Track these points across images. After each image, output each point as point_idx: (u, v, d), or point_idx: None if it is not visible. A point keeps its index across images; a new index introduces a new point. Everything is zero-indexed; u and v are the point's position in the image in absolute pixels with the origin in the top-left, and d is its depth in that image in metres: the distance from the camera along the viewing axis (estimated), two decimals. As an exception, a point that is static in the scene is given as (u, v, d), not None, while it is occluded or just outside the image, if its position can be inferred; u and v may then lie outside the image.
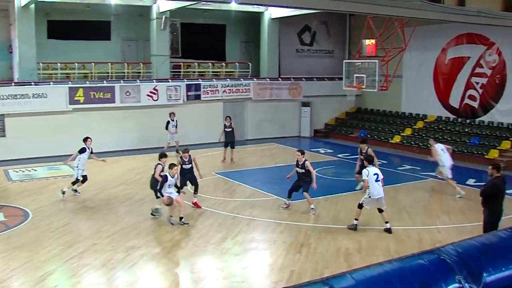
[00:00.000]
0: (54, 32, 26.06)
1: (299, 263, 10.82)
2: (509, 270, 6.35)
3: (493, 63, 24.23)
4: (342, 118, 31.32)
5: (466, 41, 25.31)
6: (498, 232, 7.27)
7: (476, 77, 25.00)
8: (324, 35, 31.77)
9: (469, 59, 25.22)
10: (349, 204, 15.28)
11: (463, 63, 25.51)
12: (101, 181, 18.32)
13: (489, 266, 6.17)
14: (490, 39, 24.23)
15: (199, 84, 26.17)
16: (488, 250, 6.54)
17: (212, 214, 14.30)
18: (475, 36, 24.84)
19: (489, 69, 24.38)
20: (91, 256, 11.11)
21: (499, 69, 23.95)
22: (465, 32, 25.07)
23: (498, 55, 23.95)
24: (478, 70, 24.87)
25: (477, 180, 18.57)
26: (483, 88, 24.69)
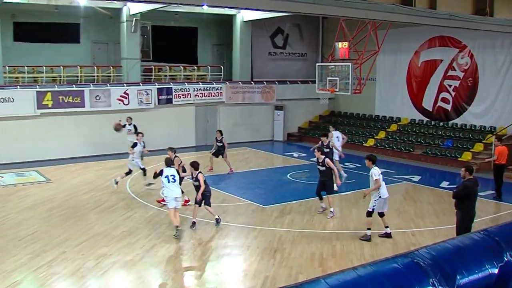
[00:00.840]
0: (21, 34, 25.65)
1: (273, 269, 10.82)
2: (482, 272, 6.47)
3: (465, 65, 24.64)
4: (316, 121, 31.48)
5: (439, 44, 25.72)
6: (471, 234, 7.39)
7: (448, 80, 25.40)
8: (297, 38, 31.91)
9: (442, 62, 25.62)
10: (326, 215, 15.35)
11: (436, 66, 25.90)
12: (71, 187, 18.08)
13: (463, 268, 6.27)
14: (462, 42, 24.66)
15: (171, 88, 26.03)
16: (462, 252, 6.64)
17: (184, 220, 14.18)
18: (447, 39, 25.25)
19: (462, 71, 24.79)
20: (61, 264, 10.95)
21: (471, 72, 24.37)
22: (437, 35, 25.47)
23: (470, 57, 24.38)
24: (451, 72, 25.27)
25: (450, 183, 18.82)
26: (456, 90, 25.10)
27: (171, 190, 12.90)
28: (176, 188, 12.97)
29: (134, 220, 14.24)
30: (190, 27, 30.86)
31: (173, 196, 12.93)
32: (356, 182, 18.97)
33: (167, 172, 12.99)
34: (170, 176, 12.92)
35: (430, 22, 17.80)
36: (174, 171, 13.09)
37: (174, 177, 12.94)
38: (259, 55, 30.56)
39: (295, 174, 20.38)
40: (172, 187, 12.91)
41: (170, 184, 12.89)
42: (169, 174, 12.93)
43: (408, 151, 24.79)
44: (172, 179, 12.90)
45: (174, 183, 12.92)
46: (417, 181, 19.71)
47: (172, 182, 12.90)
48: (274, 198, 16.79)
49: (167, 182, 12.89)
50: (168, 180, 12.89)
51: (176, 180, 12.95)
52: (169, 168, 13.14)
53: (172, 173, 12.99)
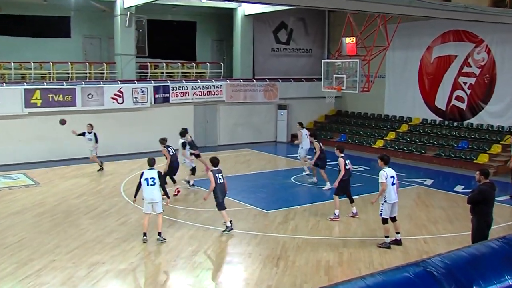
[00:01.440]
0: (6, 28, 25.60)
1: (277, 278, 10.79)
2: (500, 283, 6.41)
3: (482, 61, 24.56)
4: (321, 121, 31.45)
5: (453, 39, 25.65)
6: (489, 242, 7.33)
7: (463, 77, 25.33)
8: (302, 33, 31.90)
9: (456, 58, 25.56)
10: (330, 214, 15.30)
11: (450, 62, 25.84)
12: (62, 191, 18.08)
13: (479, 279, 6.22)
14: (478, 36, 24.58)
15: (168, 86, 26.03)
16: (478, 261, 6.59)
17: (182, 225, 14.19)
18: (462, 33, 25.17)
19: (478, 68, 24.72)
20: (50, 273, 10.91)
21: (488, 68, 24.29)
22: (452, 29, 25.41)
23: (487, 53, 24.30)
24: (466, 69, 25.21)
25: (465, 187, 18.78)
26: (471, 88, 25.02)
27: (148, 193, 12.78)
28: (154, 192, 12.80)
29: (129, 226, 14.22)
30: (188, 21, 30.86)
31: (149, 200, 12.82)
32: (364, 185, 18.92)
33: (147, 174, 12.81)
34: (150, 178, 12.74)
35: (444, 15, 17.77)
36: (155, 173, 12.85)
37: (154, 179, 12.75)
38: (261, 51, 30.54)
39: (299, 177, 20.36)
40: (149, 190, 12.76)
41: (148, 187, 12.74)
42: (149, 177, 12.76)
43: (419, 153, 24.74)
44: (152, 182, 12.72)
45: (153, 186, 12.74)
46: (429, 184, 19.68)
47: (151, 185, 12.73)
48: (277, 202, 16.76)
49: (145, 185, 12.74)
50: (147, 183, 12.73)
51: (155, 184, 12.75)
52: (150, 170, 12.94)
53: (152, 175, 12.79)
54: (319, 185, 18.77)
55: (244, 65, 29.57)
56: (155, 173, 12.87)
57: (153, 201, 12.81)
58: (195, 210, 15.69)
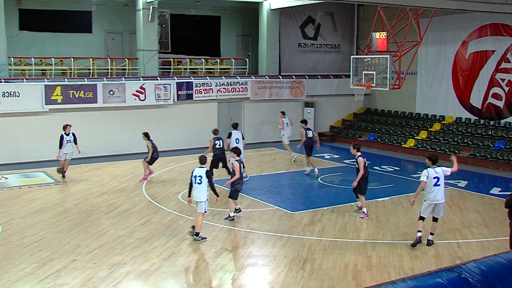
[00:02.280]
0: (27, 23, 25.99)
1: (303, 281, 10.75)
2: (540, 290, 6.29)
3: (522, 57, 24.21)
4: (350, 120, 31.32)
5: (491, 33, 25.26)
6: (527, 247, 7.21)
7: (501, 73, 24.97)
8: (330, 28, 31.77)
9: (494, 53, 25.18)
10: (358, 215, 15.22)
11: (487, 57, 25.48)
12: (82, 190, 18.25)
13: (518, 285, 6.11)
14: (518, 30, 24.22)
15: (191, 83, 26.11)
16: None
17: (205, 226, 14.20)
18: (501, 26, 24.78)
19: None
20: (70, 274, 11.02)
21: (529, 64, 23.91)
22: (489, 23, 25.04)
23: (528, 48, 23.93)
24: (504, 65, 24.83)
25: (502, 189, 18.55)
26: (510, 85, 24.64)
27: (195, 191, 13.06)
28: (199, 191, 12.99)
29: (151, 226, 14.30)
30: (212, 16, 30.94)
31: (194, 198, 13.11)
32: (394, 186, 18.80)
33: (196, 172, 13.09)
34: (198, 176, 12.99)
35: (482, 8, 17.53)
36: (203, 172, 13.05)
37: (201, 178, 12.96)
38: (287, 47, 30.49)
39: (326, 177, 20.27)
40: (196, 188, 13.02)
41: (195, 185, 13.02)
42: (197, 175, 13.02)
43: (453, 153, 24.45)
44: (199, 180, 12.96)
45: (199, 185, 12.96)
46: (463, 186, 19.44)
47: (198, 183, 12.97)
48: (304, 203, 16.71)
49: (194, 182, 13.05)
50: (195, 181, 13.01)
51: (202, 182, 12.94)
52: (199, 168, 13.17)
53: (199, 173, 13.01)
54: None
55: (270, 61, 29.53)
56: (203, 172, 13.06)
57: (196, 199, 13.08)
58: (219, 210, 15.70)
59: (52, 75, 24.62)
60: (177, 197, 17.12)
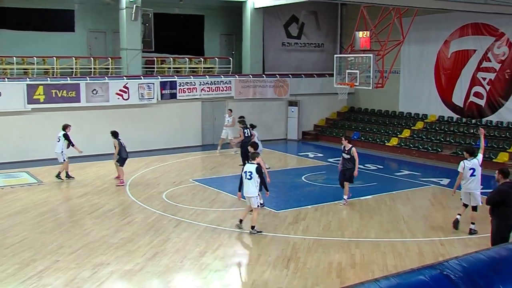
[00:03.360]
0: (8, 21, 25.74)
1: (287, 280, 10.76)
2: (522, 287, 6.34)
3: (502, 56, 24.37)
4: (333, 118, 31.40)
5: (472, 32, 25.45)
6: (509, 244, 7.27)
7: (483, 72, 25.16)
8: (313, 27, 31.83)
9: (475, 52, 25.37)
10: (341, 214, 15.29)
11: (468, 56, 25.66)
12: (65, 190, 18.16)
13: (499, 283, 6.16)
14: (499, 30, 24.37)
15: (175, 82, 26.03)
16: (498, 265, 6.53)
17: (189, 225, 14.19)
18: (482, 26, 24.98)
19: (498, 63, 24.53)
20: (52, 275, 10.93)
21: (509, 63, 24.05)
22: (470, 22, 25.22)
23: (508, 47, 24.07)
24: (485, 64, 25.02)
25: (484, 187, 18.60)
26: (491, 84, 24.85)
27: (245, 187, 13.33)
28: (249, 186, 13.23)
29: (135, 225, 14.23)
30: (196, 15, 30.88)
31: (245, 194, 13.39)
32: (377, 185, 18.89)
33: (246, 167, 13.38)
34: (248, 172, 13.24)
35: (463, 7, 17.67)
36: (253, 168, 13.24)
37: (251, 174, 13.18)
38: (271, 46, 30.50)
39: (310, 176, 20.32)
40: (245, 184, 13.28)
41: (245, 180, 13.26)
42: (247, 170, 13.28)
43: (435, 151, 24.63)
44: (249, 176, 13.19)
45: (249, 181, 13.19)
46: (446, 184, 19.55)
47: (248, 179, 13.20)
48: (288, 202, 16.71)
49: (244, 178, 13.30)
50: (245, 176, 13.26)
51: (252, 178, 13.16)
52: (250, 164, 13.42)
53: (249, 169, 13.25)
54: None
55: (253, 60, 29.53)
56: (254, 168, 13.26)
57: (247, 195, 13.36)
58: (203, 209, 15.69)
59: (35, 74, 24.42)
60: (161, 197, 17.07)
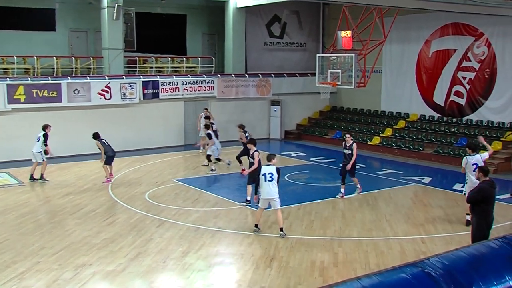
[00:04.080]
0: (-12, 20, 25.51)
1: (270, 279, 10.78)
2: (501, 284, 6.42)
3: (482, 55, 24.63)
4: (316, 118, 31.48)
5: (452, 32, 25.70)
6: (489, 242, 7.35)
7: (463, 72, 25.40)
8: (296, 27, 31.90)
9: (455, 52, 25.62)
10: (324, 213, 15.33)
11: (449, 56, 25.90)
12: (46, 190, 18.01)
13: (479, 280, 6.23)
14: (478, 30, 24.64)
15: (157, 81, 25.95)
16: (478, 262, 6.61)
17: (172, 225, 14.17)
18: (462, 26, 25.23)
19: (478, 62, 24.79)
20: (34, 276, 10.85)
21: (489, 62, 24.35)
22: (450, 22, 25.46)
23: (488, 47, 24.35)
24: (466, 63, 25.27)
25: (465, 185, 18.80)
26: (471, 83, 25.09)
27: (265, 189, 13.17)
28: (271, 188, 13.13)
29: (117, 226, 14.18)
30: (178, 14, 30.79)
31: (266, 196, 13.21)
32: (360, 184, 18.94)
33: (265, 169, 13.25)
34: (268, 174, 13.12)
35: (443, 7, 17.83)
36: (273, 169, 13.20)
37: (271, 175, 13.10)
38: (254, 45, 30.52)
39: (293, 175, 20.34)
40: (267, 186, 13.14)
41: (267, 182, 13.12)
42: (267, 172, 13.16)
43: (417, 150, 24.80)
44: (270, 178, 13.09)
45: (270, 182, 13.10)
46: (427, 183, 19.73)
47: (269, 180, 13.10)
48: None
49: (263, 181, 13.15)
50: (265, 179, 13.11)
51: (273, 179, 13.10)
52: (268, 166, 13.35)
53: (270, 171, 13.17)
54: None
55: (236, 60, 29.53)
56: (273, 169, 13.21)
57: (270, 197, 13.20)
58: (185, 209, 15.67)
59: (15, 74, 24.21)
60: (143, 197, 17.02)
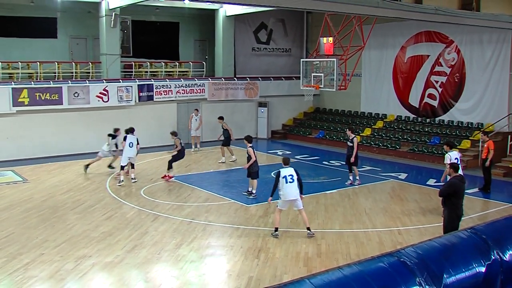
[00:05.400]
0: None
1: (258, 269, 10.83)
2: (469, 271, 6.52)
3: (452, 61, 24.82)
4: (300, 118, 31.54)
5: (425, 39, 25.88)
6: (458, 232, 7.44)
7: (435, 76, 25.57)
8: (281, 33, 31.94)
9: (428, 58, 25.79)
10: (308, 207, 15.35)
11: (423, 61, 26.07)
12: (48, 187, 17.92)
13: (450, 267, 6.31)
14: (449, 37, 24.83)
15: (152, 85, 25.91)
16: (449, 251, 6.69)
17: (166, 219, 14.17)
18: (434, 34, 25.42)
19: (448, 67, 24.98)
20: (38, 267, 10.85)
21: (458, 67, 24.55)
22: (424, 30, 25.64)
23: (457, 53, 24.56)
24: (438, 68, 25.45)
25: (437, 180, 18.94)
26: (443, 86, 25.27)
27: (287, 191, 12.71)
28: (293, 189, 12.75)
29: (115, 220, 14.17)
30: (171, 22, 30.75)
31: (289, 197, 12.76)
32: (341, 180, 19.03)
33: (284, 172, 12.79)
34: (289, 176, 12.71)
35: (416, 16, 17.93)
36: (293, 171, 12.81)
37: (292, 176, 12.71)
38: (242, 51, 30.53)
39: (279, 172, 20.36)
40: (289, 188, 12.69)
41: (287, 185, 12.68)
42: (287, 174, 12.73)
43: (394, 148, 24.93)
44: (290, 179, 12.68)
45: (291, 184, 12.68)
46: (403, 178, 19.85)
47: (290, 182, 12.67)
48: (258, 197, 16.74)
49: (284, 183, 12.69)
50: (286, 181, 12.69)
51: (294, 181, 12.70)
52: (286, 168, 12.95)
53: (290, 173, 12.76)
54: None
55: (225, 64, 29.53)
56: (293, 171, 12.83)
57: (294, 197, 12.78)
58: (179, 204, 15.67)
59: (19, 79, 24.06)
60: (139, 193, 17.00)
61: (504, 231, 7.48)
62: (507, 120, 22.69)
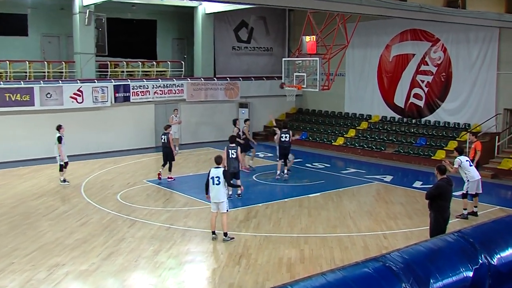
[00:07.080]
0: (-40, 25, 25.03)
1: (239, 276, 10.79)
2: (456, 275, 6.55)
3: (438, 60, 25.02)
4: (282, 119, 31.45)
5: (411, 38, 26.07)
6: (445, 236, 7.48)
7: (421, 75, 25.76)
8: (262, 32, 31.96)
9: (414, 56, 25.98)
10: (291, 211, 15.39)
11: (408, 60, 26.25)
12: (19, 192, 17.73)
13: (436, 272, 6.34)
14: (435, 36, 25.04)
15: (128, 85, 25.76)
16: (435, 255, 6.72)
17: (143, 225, 14.09)
18: (419, 32, 25.61)
19: (434, 66, 25.17)
20: (7, 277, 10.70)
21: (445, 66, 24.76)
22: (409, 28, 25.82)
23: (443, 51, 24.76)
24: (423, 67, 25.64)
25: (424, 183, 19.11)
26: (429, 86, 25.46)
27: (213, 192, 12.84)
28: (219, 191, 12.78)
29: (90, 226, 14.04)
30: (148, 19, 30.63)
31: (214, 199, 12.86)
32: (324, 183, 19.08)
33: (213, 172, 12.85)
34: (215, 177, 12.75)
35: (400, 14, 17.97)
36: (220, 172, 12.80)
37: (218, 178, 12.73)
38: (222, 50, 30.50)
39: (261, 175, 20.38)
40: (214, 189, 12.78)
41: (213, 186, 12.76)
42: (214, 176, 12.78)
43: (379, 149, 25.06)
44: (217, 181, 12.73)
45: (218, 186, 12.73)
46: (389, 181, 19.94)
47: (216, 184, 12.73)
48: (239, 200, 16.73)
49: (211, 184, 12.80)
50: (213, 182, 12.77)
51: (220, 183, 12.72)
52: (216, 168, 12.94)
53: (216, 174, 12.77)
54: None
55: (205, 64, 29.47)
56: (220, 172, 12.81)
57: (217, 200, 12.85)
58: (156, 209, 15.59)
59: (-13, 79, 23.83)
60: (115, 198, 16.88)
61: (492, 235, 7.54)
62: (495, 121, 22.94)
